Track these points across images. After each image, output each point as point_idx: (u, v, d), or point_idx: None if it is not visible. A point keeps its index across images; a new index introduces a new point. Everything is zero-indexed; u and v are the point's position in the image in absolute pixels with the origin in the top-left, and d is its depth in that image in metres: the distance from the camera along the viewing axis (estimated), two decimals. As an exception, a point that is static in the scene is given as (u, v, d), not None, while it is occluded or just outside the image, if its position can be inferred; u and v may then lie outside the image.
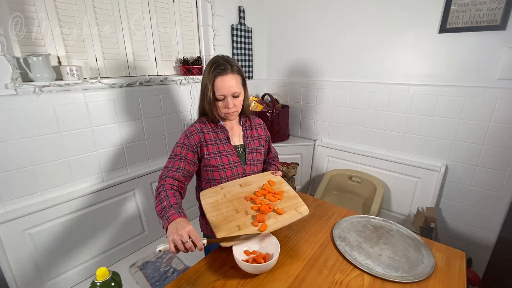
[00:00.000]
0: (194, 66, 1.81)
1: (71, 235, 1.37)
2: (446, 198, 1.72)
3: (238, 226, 0.82)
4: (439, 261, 0.86)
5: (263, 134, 1.15)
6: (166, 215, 0.79)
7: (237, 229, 0.81)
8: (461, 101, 1.54)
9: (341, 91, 2.00)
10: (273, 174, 1.07)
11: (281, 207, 0.90)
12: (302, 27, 2.11)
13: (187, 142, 0.97)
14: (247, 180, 1.02)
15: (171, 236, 0.73)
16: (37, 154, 1.24)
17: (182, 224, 0.75)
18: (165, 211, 0.80)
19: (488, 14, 1.38)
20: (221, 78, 0.92)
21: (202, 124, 1.02)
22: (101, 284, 0.66)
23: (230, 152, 1.02)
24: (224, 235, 0.79)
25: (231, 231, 0.80)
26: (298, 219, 0.88)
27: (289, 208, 0.91)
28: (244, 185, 0.99)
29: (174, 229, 0.74)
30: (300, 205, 0.93)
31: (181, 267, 1.54)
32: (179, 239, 0.72)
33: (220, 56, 0.98)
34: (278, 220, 0.85)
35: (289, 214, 0.88)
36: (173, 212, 0.79)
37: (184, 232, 0.72)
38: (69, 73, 1.28)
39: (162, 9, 1.66)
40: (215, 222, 0.83)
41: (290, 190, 1.00)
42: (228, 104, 0.95)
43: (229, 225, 0.82)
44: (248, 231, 0.81)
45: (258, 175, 1.06)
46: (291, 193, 0.98)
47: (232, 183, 1.00)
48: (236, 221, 0.84)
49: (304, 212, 0.90)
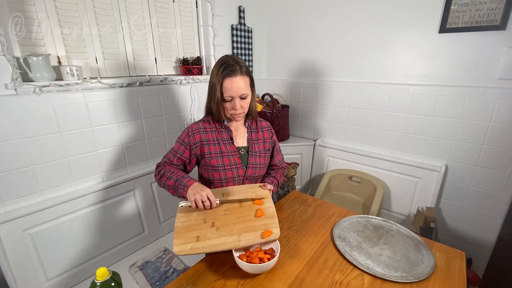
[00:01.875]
0: (194, 66, 1.81)
1: (71, 235, 1.37)
2: (446, 198, 1.72)
3: (197, 236, 0.81)
4: (439, 261, 0.86)
5: (269, 137, 1.12)
6: (182, 183, 0.90)
7: (195, 239, 0.80)
8: (461, 101, 1.54)
9: (341, 91, 2.00)
10: (262, 188, 1.01)
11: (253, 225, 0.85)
12: (302, 27, 2.11)
13: (186, 140, 1.00)
14: (232, 190, 0.99)
15: (193, 196, 0.86)
16: (37, 154, 1.24)
17: (200, 187, 0.88)
18: (179, 181, 0.91)
19: (488, 14, 1.38)
20: (229, 80, 0.91)
21: (206, 123, 1.02)
22: (101, 284, 0.66)
23: (232, 153, 1.01)
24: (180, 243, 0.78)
25: (189, 240, 0.79)
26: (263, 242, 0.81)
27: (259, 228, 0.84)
28: (226, 194, 0.97)
29: (194, 191, 0.87)
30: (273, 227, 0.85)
31: (181, 267, 1.54)
32: (200, 199, 0.86)
33: (230, 56, 0.96)
34: (239, 239, 0.80)
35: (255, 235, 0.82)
36: (187, 179, 0.91)
37: (203, 193, 0.86)
38: (69, 73, 1.28)
39: (162, 9, 1.66)
40: (178, 229, 0.84)
41: (271, 207, 0.93)
42: (235, 105, 0.94)
43: (189, 234, 0.81)
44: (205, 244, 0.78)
45: (244, 186, 1.02)
46: (271, 211, 0.91)
47: (217, 190, 0.99)
48: (198, 231, 0.82)
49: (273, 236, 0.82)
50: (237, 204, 0.94)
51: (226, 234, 0.82)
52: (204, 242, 0.79)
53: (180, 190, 0.90)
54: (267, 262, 0.76)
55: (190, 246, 0.78)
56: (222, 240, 0.80)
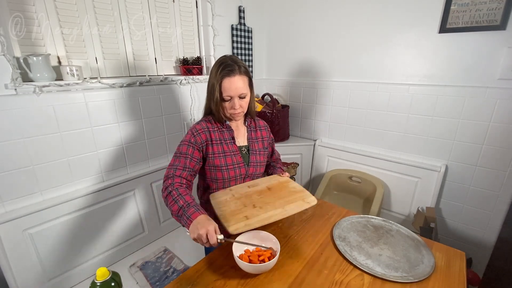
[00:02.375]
0: (194, 66, 1.81)
1: (71, 235, 1.37)
2: (446, 198, 1.72)
3: (246, 216, 0.84)
4: (439, 261, 0.86)
5: (266, 136, 1.15)
6: (186, 214, 0.81)
7: (244, 219, 0.83)
8: (461, 101, 1.54)
9: (341, 91, 2.00)
10: (281, 175, 1.09)
11: (289, 199, 0.92)
12: (302, 27, 2.11)
13: (193, 140, 0.97)
14: (255, 182, 1.05)
15: (194, 234, 0.76)
16: (37, 154, 1.24)
17: (202, 223, 0.77)
18: (184, 210, 0.82)
19: (488, 14, 1.38)
20: (228, 79, 0.92)
21: (208, 123, 1.02)
22: (101, 284, 0.66)
23: (235, 153, 1.02)
24: (232, 224, 0.81)
25: (239, 220, 0.82)
26: (305, 208, 0.89)
27: (296, 199, 0.92)
28: (252, 186, 1.02)
29: (195, 228, 0.77)
30: (307, 196, 0.94)
31: (181, 267, 1.54)
32: (199, 239, 0.76)
33: (228, 56, 0.97)
34: (285, 209, 0.87)
35: (297, 204, 0.90)
36: (193, 210, 0.81)
37: (203, 234, 0.75)
38: (69, 73, 1.28)
39: (162, 9, 1.66)
40: (222, 215, 0.85)
41: (297, 186, 1.02)
42: (234, 105, 0.95)
43: (237, 216, 0.84)
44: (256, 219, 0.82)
45: (266, 178, 1.08)
46: (298, 188, 1.00)
47: (241, 185, 1.03)
48: (244, 213, 0.86)
49: (312, 202, 0.91)
50: (267, 189, 0.99)
51: (271, 209, 0.87)
52: (254, 218, 0.83)
53: (183, 221, 0.82)
54: (267, 262, 0.76)
55: (243, 223, 0.81)
56: (270, 213, 0.85)
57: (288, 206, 0.88)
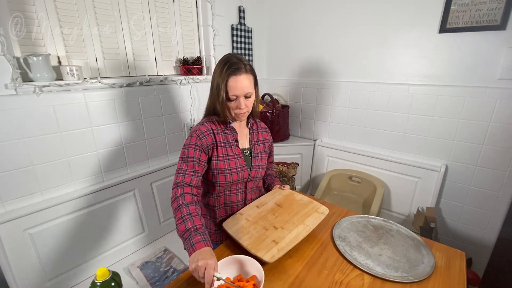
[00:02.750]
0: (194, 66, 1.81)
1: (71, 235, 1.37)
2: (446, 198, 1.72)
3: (273, 241, 0.84)
4: (439, 261, 0.86)
5: (267, 138, 1.13)
6: (191, 240, 0.75)
7: (273, 244, 0.83)
8: (461, 101, 1.54)
9: (341, 91, 2.00)
10: (282, 189, 1.11)
11: (304, 213, 0.96)
12: (302, 27, 2.11)
13: (199, 143, 0.91)
14: (261, 201, 1.05)
15: (191, 265, 0.71)
16: (37, 154, 1.24)
17: (204, 256, 0.71)
18: (190, 234, 0.76)
19: (488, 14, 1.38)
20: (234, 78, 0.88)
21: (212, 124, 0.97)
22: (101, 284, 0.66)
23: (238, 156, 0.98)
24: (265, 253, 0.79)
25: (269, 247, 0.82)
26: (321, 219, 0.94)
27: (311, 212, 0.97)
28: (260, 205, 1.02)
29: (195, 259, 0.71)
30: (318, 206, 0.99)
31: (181, 267, 1.54)
32: (196, 271, 0.70)
33: (233, 54, 0.93)
34: (306, 224, 0.90)
35: (313, 217, 0.94)
36: (199, 238, 0.75)
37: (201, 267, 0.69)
38: (69, 73, 1.28)
39: (162, 9, 1.66)
40: (250, 244, 0.83)
41: (303, 197, 1.05)
42: (240, 104, 0.91)
43: (265, 243, 0.83)
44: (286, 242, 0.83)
45: (269, 194, 1.09)
46: (306, 199, 1.04)
47: (249, 207, 1.02)
48: (270, 238, 0.85)
49: (325, 211, 0.97)
50: (277, 206, 1.01)
51: (293, 227, 0.89)
52: (283, 241, 0.84)
53: (186, 246, 0.77)
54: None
55: (276, 250, 0.81)
56: (295, 232, 0.87)
57: (307, 221, 0.92)
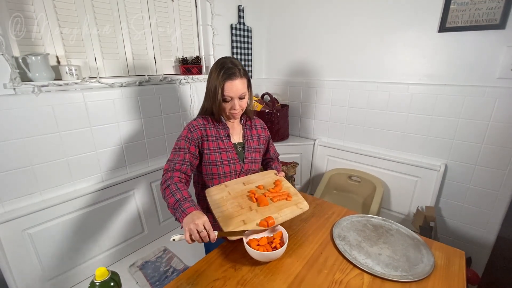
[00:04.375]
0: (194, 65, 1.81)
1: (71, 235, 1.37)
2: (445, 197, 1.72)
3: (243, 220, 0.87)
4: (438, 260, 0.86)
5: (262, 134, 1.18)
6: (181, 207, 0.83)
7: (242, 223, 0.86)
8: (460, 100, 1.54)
9: (340, 91, 2.00)
10: (276, 174, 1.12)
11: (283, 203, 0.96)
12: (301, 27, 2.10)
13: (190, 136, 1.00)
14: (250, 178, 1.07)
15: (188, 225, 0.77)
16: (36, 154, 1.24)
17: (198, 215, 0.79)
18: (180, 203, 0.84)
19: (487, 13, 1.38)
20: (230, 82, 0.96)
21: (205, 119, 1.05)
22: (100, 284, 0.66)
23: (229, 149, 1.05)
24: (231, 229, 0.83)
25: (237, 225, 0.85)
26: (298, 214, 0.93)
27: (290, 204, 0.96)
28: (247, 183, 1.04)
29: (190, 220, 0.78)
30: (301, 201, 0.99)
31: (181, 266, 1.54)
32: (195, 229, 0.76)
33: (228, 59, 1.00)
34: (280, 215, 0.91)
35: (290, 209, 0.94)
36: (188, 205, 0.83)
37: (200, 222, 0.76)
38: (68, 73, 1.27)
39: (162, 8, 1.66)
40: (222, 218, 0.87)
41: (290, 187, 1.05)
42: (234, 105, 0.99)
43: (235, 220, 0.87)
44: (253, 226, 0.86)
45: (261, 174, 1.11)
46: (292, 190, 1.03)
47: (235, 181, 1.04)
48: (241, 216, 0.88)
49: (304, 208, 0.96)
50: (262, 191, 1.01)
51: (267, 213, 0.90)
52: (251, 224, 0.86)
53: (177, 214, 0.83)
54: (276, 250, 0.80)
55: (241, 229, 0.84)
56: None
57: (282, 212, 0.92)
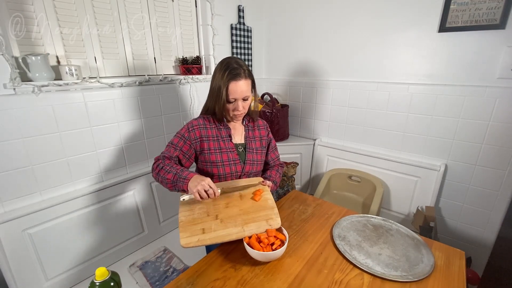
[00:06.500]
0: (194, 65, 1.81)
1: (71, 235, 1.37)
2: (445, 197, 1.72)
3: (202, 229, 0.84)
4: (438, 260, 0.86)
5: (265, 135, 1.16)
6: (181, 176, 0.88)
7: (200, 232, 0.83)
8: (460, 100, 1.54)
9: (340, 91, 2.00)
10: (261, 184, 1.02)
11: (252, 217, 0.89)
12: (301, 27, 2.10)
13: (186, 135, 1.01)
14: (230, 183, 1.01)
15: (196, 187, 0.84)
16: (36, 154, 1.24)
17: (200, 178, 0.86)
18: (179, 175, 0.89)
19: (487, 13, 1.38)
20: (235, 83, 0.95)
21: (206, 119, 1.04)
22: (100, 284, 0.66)
23: (231, 150, 1.04)
24: (186, 236, 0.81)
25: (194, 233, 0.83)
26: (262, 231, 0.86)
27: (260, 219, 0.89)
28: (226, 188, 0.98)
29: (196, 182, 0.85)
30: (274, 217, 0.90)
31: (181, 266, 1.54)
32: (202, 189, 0.84)
33: (233, 59, 0.99)
34: (243, 229, 0.85)
35: (258, 225, 0.87)
36: (187, 172, 0.89)
37: (205, 183, 0.84)
38: (68, 73, 1.27)
39: (162, 8, 1.66)
40: (182, 223, 0.86)
41: (270, 199, 0.97)
42: (238, 107, 0.98)
43: (194, 228, 0.84)
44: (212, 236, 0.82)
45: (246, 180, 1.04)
46: (270, 204, 0.95)
47: (218, 184, 0.99)
48: (202, 224, 0.86)
49: (274, 225, 0.88)
50: (238, 197, 0.97)
51: (231, 225, 0.86)
52: (210, 234, 0.83)
53: (179, 184, 0.88)
54: (276, 250, 0.79)
55: (196, 238, 0.81)
56: (227, 231, 0.84)
57: (247, 227, 0.86)
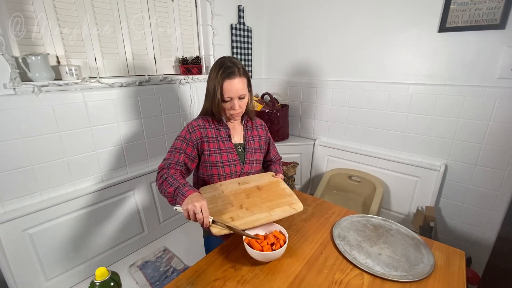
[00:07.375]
0: (194, 65, 1.81)
1: (71, 235, 1.37)
2: (445, 197, 1.72)
3: (231, 217, 0.85)
4: (438, 260, 0.86)
5: (263, 135, 1.17)
6: (181, 192, 0.84)
7: (230, 219, 0.84)
8: (460, 100, 1.54)
9: (340, 91, 2.00)
10: (274, 177, 1.08)
11: (276, 203, 0.92)
12: (301, 26, 2.10)
13: (188, 136, 1.00)
14: (246, 179, 1.05)
15: (186, 205, 0.79)
16: (36, 154, 1.24)
17: (197, 198, 0.80)
18: (179, 189, 0.85)
19: (487, 13, 1.38)
20: (229, 82, 0.95)
21: (205, 120, 1.04)
22: (100, 284, 0.66)
23: (230, 150, 1.04)
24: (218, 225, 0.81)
25: (225, 221, 0.83)
26: (290, 214, 0.90)
27: (283, 204, 0.93)
28: (242, 183, 1.02)
29: (189, 201, 0.79)
30: (295, 201, 0.94)
31: (181, 266, 1.54)
32: (192, 209, 0.77)
33: (227, 58, 0.99)
34: (270, 214, 0.88)
35: (283, 209, 0.90)
36: (187, 188, 0.85)
37: (197, 205, 0.77)
38: (68, 73, 1.27)
39: (162, 8, 1.66)
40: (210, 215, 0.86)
41: (287, 188, 1.02)
42: (234, 105, 0.98)
43: (223, 217, 0.85)
44: (241, 222, 0.84)
45: (258, 175, 1.08)
46: (288, 191, 1.00)
47: (231, 181, 1.03)
48: (230, 213, 0.87)
49: (298, 208, 0.91)
50: (256, 189, 0.98)
51: (257, 212, 0.88)
52: (240, 220, 0.84)
53: (178, 199, 0.86)
54: (276, 250, 0.79)
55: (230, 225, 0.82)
56: (255, 217, 0.86)
57: (274, 211, 0.89)
